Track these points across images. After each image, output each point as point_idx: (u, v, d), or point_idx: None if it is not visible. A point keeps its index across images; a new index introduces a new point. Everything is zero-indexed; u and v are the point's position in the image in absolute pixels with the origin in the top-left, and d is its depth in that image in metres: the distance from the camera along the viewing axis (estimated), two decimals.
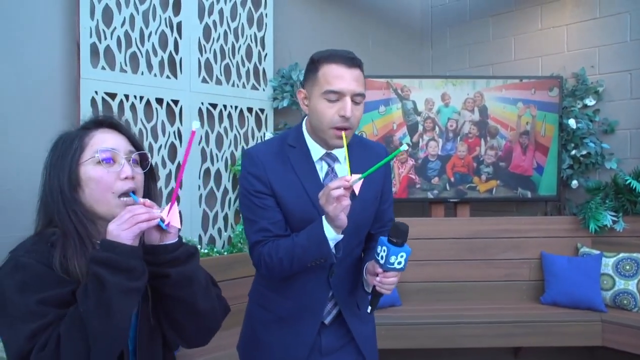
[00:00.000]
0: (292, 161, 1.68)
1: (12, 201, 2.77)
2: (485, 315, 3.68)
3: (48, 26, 2.94)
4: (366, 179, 1.48)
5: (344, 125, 1.58)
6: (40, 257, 1.23)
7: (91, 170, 1.29)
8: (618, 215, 3.97)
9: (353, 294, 1.74)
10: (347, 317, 1.73)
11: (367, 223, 1.76)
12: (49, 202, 1.31)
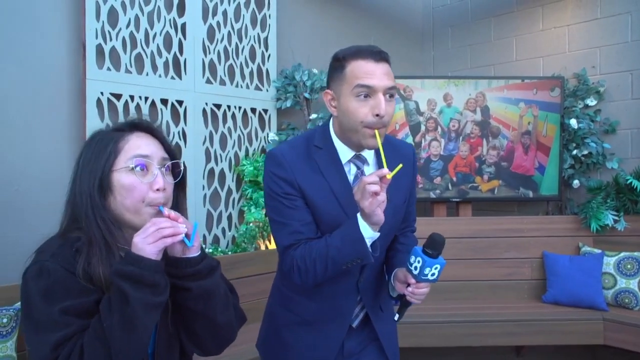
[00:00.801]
0: (319, 163, 1.61)
1: (20, 200, 2.80)
2: (487, 314, 3.71)
3: (54, 27, 2.97)
4: (395, 184, 1.50)
5: (381, 122, 1.53)
6: (65, 263, 1.22)
7: (124, 178, 1.27)
8: (619, 215, 3.99)
9: (378, 296, 1.74)
10: (374, 321, 1.72)
11: (396, 227, 1.76)
12: (77, 203, 1.29)
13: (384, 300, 1.76)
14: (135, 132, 1.34)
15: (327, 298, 1.67)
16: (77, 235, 1.28)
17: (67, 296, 1.20)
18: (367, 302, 1.71)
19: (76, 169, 1.33)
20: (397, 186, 1.57)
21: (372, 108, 1.52)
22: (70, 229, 1.31)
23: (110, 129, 1.36)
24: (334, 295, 1.67)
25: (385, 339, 1.75)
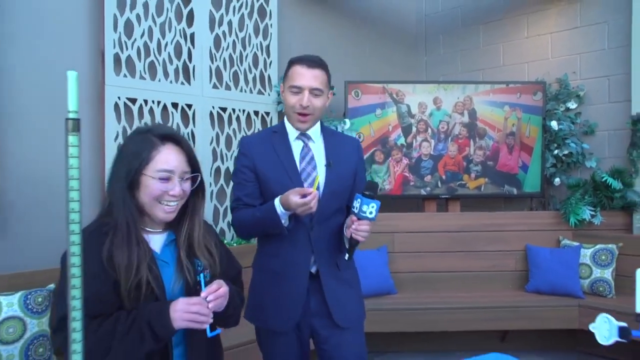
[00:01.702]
0: (273, 143, 2.10)
1: (48, 195, 3.09)
2: (474, 301, 4.00)
3: (76, 38, 3.26)
4: (340, 157, 2.04)
5: (304, 112, 2.02)
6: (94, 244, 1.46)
7: (149, 181, 1.54)
8: (596, 210, 4.30)
9: (332, 252, 2.06)
10: (322, 273, 2.04)
11: (342, 193, 2.10)
12: (111, 190, 1.56)
13: (341, 260, 2.07)
14: (168, 143, 1.59)
15: (287, 251, 2.04)
16: (108, 220, 1.54)
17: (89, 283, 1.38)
18: (319, 254, 2.04)
19: (117, 159, 1.60)
20: (340, 160, 2.08)
21: (299, 100, 2.01)
22: (105, 214, 1.58)
23: (149, 132, 1.60)
24: (292, 248, 2.03)
25: (332, 299, 2.03)
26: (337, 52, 4.93)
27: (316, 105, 2.03)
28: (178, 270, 1.59)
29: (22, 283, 2.64)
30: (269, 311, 2.06)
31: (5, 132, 2.93)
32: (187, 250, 1.61)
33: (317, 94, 2.03)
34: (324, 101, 2.08)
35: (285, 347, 2.06)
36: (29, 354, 2.48)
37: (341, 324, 2.05)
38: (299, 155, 2.09)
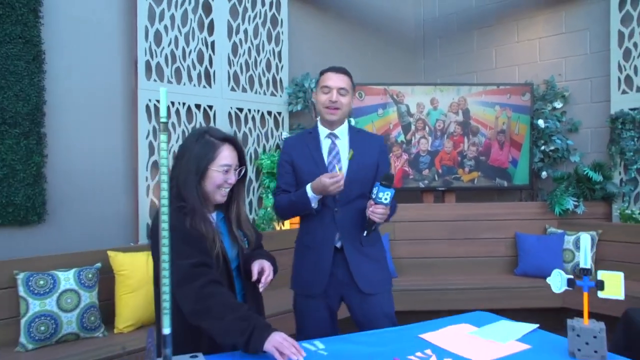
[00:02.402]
0: (307, 141, 2.55)
1: (92, 186, 3.51)
2: (468, 283, 4.41)
3: (112, 47, 3.68)
4: (362, 148, 2.47)
5: (332, 105, 2.45)
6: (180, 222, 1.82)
7: (214, 174, 1.92)
8: (579, 201, 4.71)
9: (355, 231, 2.44)
10: (346, 248, 2.44)
11: (363, 180, 2.47)
12: (182, 181, 1.88)
13: (364, 237, 2.44)
14: (226, 144, 1.98)
15: (316, 229, 2.47)
16: (181, 205, 1.88)
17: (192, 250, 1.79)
18: (343, 232, 2.44)
19: (183, 157, 1.94)
20: (362, 149, 2.49)
21: (329, 97, 2.45)
22: (175, 200, 1.89)
23: (208, 135, 1.96)
24: (320, 226, 2.46)
25: (355, 268, 2.43)
26: (341, 57, 5.34)
27: (342, 102, 2.46)
28: (232, 240, 1.99)
29: (75, 262, 3.06)
30: (302, 278, 2.51)
31: (54, 130, 3.35)
32: (236, 224, 2.02)
33: (343, 93, 2.46)
34: (349, 100, 2.51)
35: (315, 310, 2.48)
36: (84, 321, 2.90)
37: (365, 291, 2.44)
38: (327, 150, 2.52)
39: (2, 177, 3.07)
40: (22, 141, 3.16)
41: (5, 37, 3.09)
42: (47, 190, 3.29)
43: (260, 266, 1.99)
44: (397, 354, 1.71)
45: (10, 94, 3.11)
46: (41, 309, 2.77)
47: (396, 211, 2.51)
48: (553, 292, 4.19)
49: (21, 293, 2.77)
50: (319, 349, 1.78)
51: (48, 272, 2.88)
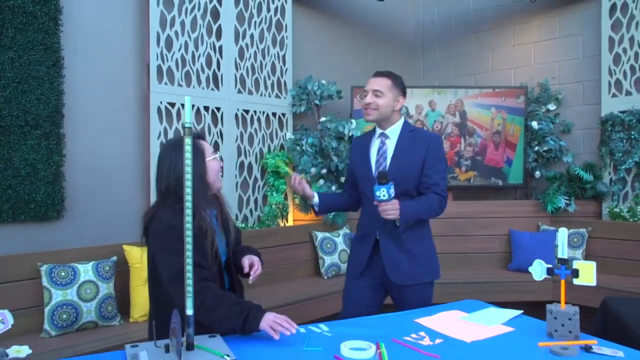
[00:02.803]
0: (365, 141, 2.79)
1: (106, 183, 3.71)
2: (464, 278, 4.60)
3: (126, 53, 3.88)
4: (408, 149, 2.62)
5: (367, 107, 2.64)
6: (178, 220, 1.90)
7: (211, 163, 2.12)
8: (570, 199, 4.91)
9: (393, 226, 2.60)
10: (382, 241, 2.64)
11: (404, 179, 2.60)
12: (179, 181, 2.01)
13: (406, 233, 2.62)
14: (200, 140, 2.17)
15: (364, 221, 2.74)
16: (173, 200, 2.04)
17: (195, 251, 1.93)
18: (383, 227, 2.62)
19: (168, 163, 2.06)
20: (410, 153, 2.61)
21: (364, 99, 2.66)
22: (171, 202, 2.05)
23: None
24: (367, 219, 2.70)
25: (387, 255, 2.63)
26: (343, 60, 5.55)
27: (378, 103, 2.60)
28: (221, 235, 2.17)
29: (93, 255, 3.26)
30: (350, 263, 2.82)
31: (72, 132, 3.55)
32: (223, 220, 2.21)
33: (378, 95, 2.60)
34: (387, 100, 2.61)
35: (354, 291, 2.73)
36: (102, 310, 3.10)
37: (395, 281, 2.63)
38: (377, 150, 2.70)
39: (25, 175, 3.28)
40: (43, 142, 3.36)
41: (28, 44, 3.29)
42: (65, 188, 3.50)
43: (250, 260, 2.20)
44: (394, 335, 1.91)
45: (32, 97, 3.31)
46: (63, 298, 2.98)
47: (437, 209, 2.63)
48: (544, 286, 4.38)
49: (44, 283, 2.97)
50: (324, 330, 1.98)
51: (69, 265, 3.08)
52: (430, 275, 2.75)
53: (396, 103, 2.65)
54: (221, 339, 1.82)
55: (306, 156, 4.65)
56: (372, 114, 2.63)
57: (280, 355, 1.71)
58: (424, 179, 2.64)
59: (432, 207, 2.60)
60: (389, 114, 2.65)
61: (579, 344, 1.78)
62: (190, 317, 1.68)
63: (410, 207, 2.53)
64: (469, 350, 1.78)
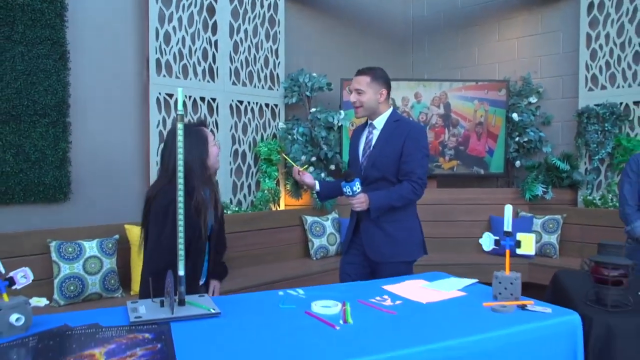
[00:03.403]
0: (359, 131, 3.03)
1: (108, 169, 3.99)
2: (448, 260, 4.87)
3: (127, 47, 4.14)
4: (389, 137, 2.82)
5: (354, 105, 2.89)
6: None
7: (212, 148, 2.43)
8: (548, 188, 5.18)
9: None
10: (362, 222, 2.90)
11: (385, 165, 2.83)
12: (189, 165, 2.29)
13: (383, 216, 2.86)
14: (202, 127, 2.48)
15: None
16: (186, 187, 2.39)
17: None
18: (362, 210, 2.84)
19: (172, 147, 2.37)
20: (390, 142, 2.82)
21: (351, 99, 2.92)
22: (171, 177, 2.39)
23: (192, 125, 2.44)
24: None
25: (366, 236, 2.89)
26: (334, 54, 5.81)
27: (362, 100, 2.84)
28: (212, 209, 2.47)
29: (97, 233, 3.55)
30: (344, 240, 3.12)
31: (77, 120, 3.83)
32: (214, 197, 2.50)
33: (360, 92, 2.84)
34: (370, 96, 2.83)
35: (345, 264, 3.02)
36: (105, 283, 3.39)
37: (372, 258, 2.88)
38: (365, 138, 2.95)
39: (35, 160, 3.56)
40: (51, 129, 3.64)
41: (36, 39, 3.56)
42: (71, 172, 3.78)
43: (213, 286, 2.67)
44: (361, 297, 2.19)
45: (41, 88, 3.59)
46: (70, 271, 3.27)
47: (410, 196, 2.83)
48: (521, 268, 4.63)
49: (54, 258, 3.26)
50: (300, 294, 2.26)
51: (75, 242, 3.37)
52: (407, 255, 2.93)
53: (379, 96, 2.85)
54: (209, 297, 2.10)
55: (297, 145, 4.93)
56: (359, 111, 2.89)
57: (259, 311, 1.99)
58: (401, 166, 2.82)
59: (403, 195, 2.78)
60: (374, 107, 2.87)
61: (516, 304, 2.06)
62: (181, 277, 1.96)
63: (380, 198, 2.75)
64: (423, 309, 2.06)
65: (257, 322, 1.83)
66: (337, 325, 1.78)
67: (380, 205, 2.76)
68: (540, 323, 1.88)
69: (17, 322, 1.64)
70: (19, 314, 1.65)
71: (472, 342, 1.70)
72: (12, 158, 3.47)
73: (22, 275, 1.77)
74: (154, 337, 1.65)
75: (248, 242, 4.51)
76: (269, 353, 1.52)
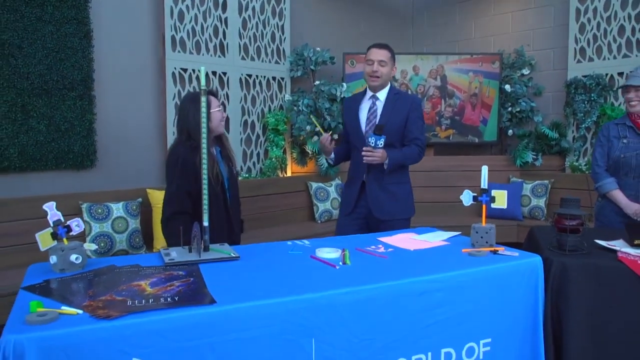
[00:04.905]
0: (357, 102, 3.26)
1: (126, 140, 4.36)
2: (443, 223, 5.21)
3: (144, 25, 4.47)
4: (394, 108, 3.11)
5: (374, 75, 3.11)
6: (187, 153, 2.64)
7: (216, 114, 2.76)
8: (538, 155, 5.52)
9: (379, 171, 3.13)
10: (368, 183, 3.19)
11: (392, 133, 3.08)
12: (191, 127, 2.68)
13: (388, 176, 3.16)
14: (210, 95, 2.78)
15: (353, 168, 3.27)
16: (191, 142, 2.70)
17: (186, 177, 2.63)
18: (369, 171, 3.16)
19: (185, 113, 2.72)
20: (395, 112, 3.12)
21: (371, 68, 3.12)
22: (186, 139, 2.73)
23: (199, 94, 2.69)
24: (355, 166, 3.23)
25: (371, 196, 3.20)
26: (337, 29, 6.10)
27: (383, 71, 3.10)
28: (225, 165, 2.83)
29: (122, 196, 3.93)
30: (342, 202, 3.39)
31: (101, 94, 4.18)
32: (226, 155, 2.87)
33: (383, 64, 3.09)
34: (389, 69, 3.13)
35: (344, 227, 3.27)
36: (131, 241, 3.78)
37: (377, 216, 3.18)
38: (368, 109, 3.19)
39: (64, 130, 3.93)
40: (78, 102, 3.99)
41: (63, 19, 3.89)
42: (97, 142, 4.14)
43: None
44: (358, 246, 2.56)
45: (68, 64, 3.93)
46: (100, 230, 3.66)
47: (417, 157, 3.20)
48: (510, 230, 5.00)
49: (86, 218, 3.65)
50: (306, 244, 2.63)
51: (104, 204, 3.75)
52: (406, 212, 3.32)
53: (393, 71, 3.21)
54: (229, 246, 2.48)
55: (302, 115, 5.27)
56: (377, 81, 3.12)
57: (271, 255, 2.36)
58: (407, 134, 3.19)
59: (413, 156, 3.18)
60: (388, 80, 3.20)
61: (489, 250, 2.43)
62: (206, 227, 2.33)
63: (396, 155, 3.10)
64: (410, 255, 2.43)
65: (270, 264, 2.19)
66: (337, 265, 2.15)
67: (397, 161, 3.11)
68: (507, 264, 2.25)
69: (77, 261, 2.03)
70: (78, 254, 2.04)
71: (448, 276, 2.07)
72: (45, 128, 3.83)
73: (76, 224, 2.14)
74: (186, 273, 2.03)
75: (257, 206, 4.88)
76: (280, 286, 1.87)
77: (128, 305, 1.64)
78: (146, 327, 1.54)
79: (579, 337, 2.23)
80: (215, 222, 2.69)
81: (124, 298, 1.71)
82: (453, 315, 2.05)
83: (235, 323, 1.65)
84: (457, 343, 2.06)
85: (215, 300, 1.68)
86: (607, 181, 3.29)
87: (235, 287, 1.85)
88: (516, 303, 2.23)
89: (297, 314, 1.75)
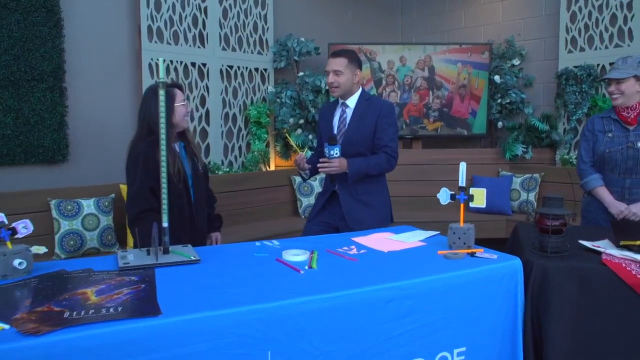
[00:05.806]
0: (330, 110, 3.18)
1: (101, 132, 4.21)
2: (431, 217, 5.10)
3: (119, 14, 4.31)
4: (363, 116, 3.01)
5: (331, 85, 3.04)
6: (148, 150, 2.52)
7: (179, 108, 2.65)
8: (528, 147, 5.39)
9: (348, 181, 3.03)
10: (340, 193, 3.11)
11: (361, 141, 3.04)
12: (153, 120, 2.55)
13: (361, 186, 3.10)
14: (175, 88, 2.69)
15: (327, 178, 3.19)
16: (146, 134, 2.59)
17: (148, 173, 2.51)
18: (339, 181, 3.08)
19: (147, 106, 2.62)
20: (364, 120, 3.03)
21: (328, 79, 3.04)
22: (146, 135, 2.62)
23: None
24: (329, 177, 3.13)
25: (346, 204, 3.10)
26: (322, 19, 5.94)
27: (340, 80, 2.99)
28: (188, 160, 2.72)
29: (94, 192, 3.79)
30: (312, 210, 3.28)
31: (73, 85, 4.03)
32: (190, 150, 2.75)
33: (338, 74, 2.99)
34: (347, 76, 3.00)
35: (309, 230, 3.15)
36: (102, 239, 3.65)
37: (350, 225, 3.06)
38: (339, 117, 3.13)
39: (34, 123, 3.78)
40: (48, 94, 3.84)
41: (31, 7, 3.74)
42: (69, 135, 4.00)
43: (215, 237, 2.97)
44: (329, 247, 2.43)
45: (37, 55, 3.78)
46: (70, 227, 3.52)
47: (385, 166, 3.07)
48: (499, 225, 4.87)
49: (54, 215, 3.51)
50: (275, 244, 2.50)
51: (74, 200, 3.61)
52: (381, 223, 3.16)
53: (354, 77, 3.06)
54: (192, 248, 2.35)
55: (285, 108, 5.12)
56: (336, 91, 3.04)
57: (236, 258, 2.23)
58: (376, 141, 3.07)
59: (380, 164, 3.03)
60: (350, 87, 3.06)
61: (466, 252, 2.30)
62: (165, 228, 2.20)
63: (358, 163, 2.98)
64: (383, 257, 2.30)
65: (232, 268, 2.06)
66: (301, 270, 2.02)
67: (359, 169, 2.98)
68: (485, 267, 2.12)
69: (20, 266, 1.88)
70: (21, 259, 1.90)
71: (420, 282, 1.94)
72: (12, 121, 3.69)
73: (23, 226, 2.00)
74: (139, 279, 1.89)
75: (239, 201, 4.75)
76: (237, 293, 1.75)
77: (64, 317, 1.50)
78: (79, 343, 1.40)
79: (560, 344, 2.11)
80: (178, 221, 2.56)
81: (62, 309, 1.57)
82: (424, 324, 1.92)
83: (181, 337, 1.52)
84: (428, 353, 1.93)
85: (161, 312, 1.55)
86: (592, 177, 3.16)
87: (189, 295, 1.73)
88: (494, 309, 2.10)
89: (251, 325, 1.62)
